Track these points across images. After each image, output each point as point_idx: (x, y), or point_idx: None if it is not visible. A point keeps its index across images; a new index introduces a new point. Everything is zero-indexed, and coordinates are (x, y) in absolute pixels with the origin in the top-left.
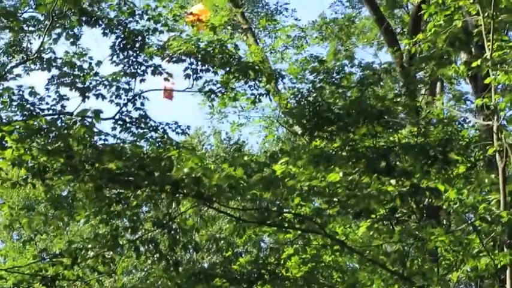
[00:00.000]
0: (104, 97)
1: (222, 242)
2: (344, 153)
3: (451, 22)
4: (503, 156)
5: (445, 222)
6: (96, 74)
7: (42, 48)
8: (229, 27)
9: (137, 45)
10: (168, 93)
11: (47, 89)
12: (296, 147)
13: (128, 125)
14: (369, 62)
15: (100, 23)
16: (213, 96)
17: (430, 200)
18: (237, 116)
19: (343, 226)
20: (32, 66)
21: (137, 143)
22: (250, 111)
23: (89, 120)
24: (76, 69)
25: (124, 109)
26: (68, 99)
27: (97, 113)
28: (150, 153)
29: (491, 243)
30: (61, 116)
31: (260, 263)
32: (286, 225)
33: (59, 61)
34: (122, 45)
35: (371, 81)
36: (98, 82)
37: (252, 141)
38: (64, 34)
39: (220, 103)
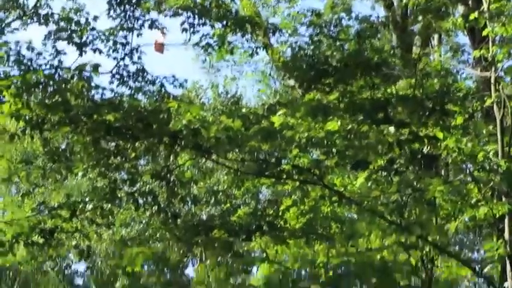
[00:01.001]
0: (101, 51)
1: (221, 194)
2: (342, 105)
3: None
4: (500, 107)
5: (443, 173)
6: (93, 28)
7: (38, 4)
8: None
9: None
10: (159, 46)
11: (44, 44)
12: (293, 100)
13: (125, 79)
14: (366, 15)
15: None
16: (210, 50)
17: (428, 148)
18: (230, 70)
19: (341, 177)
20: (29, 20)
21: (135, 97)
22: (243, 65)
23: (87, 74)
24: (73, 24)
25: (121, 63)
26: (65, 54)
27: (95, 67)
28: (148, 106)
29: (490, 193)
30: (58, 70)
31: (258, 214)
32: (284, 176)
33: (56, 16)
34: (118, 0)
35: (368, 34)
36: (95, 37)
37: (248, 95)
38: None
39: (218, 56)
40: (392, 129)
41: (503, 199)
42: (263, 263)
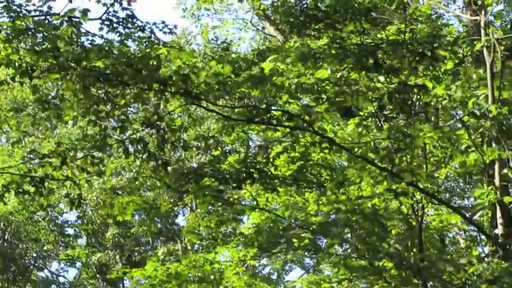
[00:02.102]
0: None
1: (211, 141)
2: (332, 51)
3: None
4: (490, 52)
5: (433, 119)
6: None
7: None
8: None
9: None
10: None
11: None
12: (282, 46)
13: (115, 25)
14: None
15: None
16: None
17: (418, 96)
18: (211, 19)
19: (331, 124)
20: None
21: (124, 43)
22: (223, 14)
23: (76, 20)
24: None
25: (111, 9)
26: (54, 0)
27: (84, 12)
28: (138, 52)
29: (480, 139)
30: (48, 17)
31: (249, 162)
32: (274, 122)
33: None
34: None
35: None
36: None
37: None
38: None
39: (207, 0)
40: (382, 78)
41: (493, 145)
42: (253, 211)
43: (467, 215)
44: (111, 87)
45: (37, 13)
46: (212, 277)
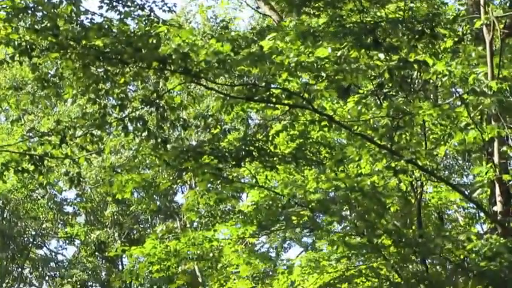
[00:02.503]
0: None
1: (210, 119)
2: (331, 29)
3: None
4: (490, 30)
5: (432, 96)
6: None
7: None
8: None
9: None
10: None
11: None
12: (281, 25)
13: (114, 3)
14: None
15: None
16: None
17: (418, 74)
18: None
19: (330, 102)
20: None
21: (124, 22)
22: None
23: None
24: None
25: None
26: None
27: None
28: (138, 31)
29: (479, 116)
30: None
31: (248, 140)
32: (274, 100)
33: None
34: None
35: None
36: None
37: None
38: None
39: None
40: (382, 55)
41: (493, 122)
42: (252, 189)
43: (466, 193)
44: (111, 65)
45: None
46: (211, 255)
